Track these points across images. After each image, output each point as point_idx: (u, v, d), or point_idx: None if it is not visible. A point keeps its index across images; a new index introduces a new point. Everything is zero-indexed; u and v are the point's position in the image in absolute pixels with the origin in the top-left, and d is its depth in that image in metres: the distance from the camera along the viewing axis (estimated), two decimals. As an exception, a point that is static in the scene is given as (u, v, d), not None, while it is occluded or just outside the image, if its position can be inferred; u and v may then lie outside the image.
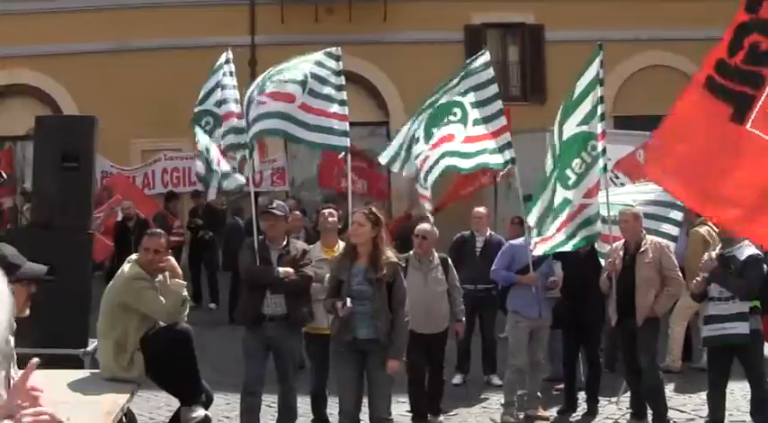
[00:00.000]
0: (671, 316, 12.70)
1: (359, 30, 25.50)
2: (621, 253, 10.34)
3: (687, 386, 12.04)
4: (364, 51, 25.29)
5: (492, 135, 11.04)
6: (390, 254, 8.46)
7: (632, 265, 10.21)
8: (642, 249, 10.23)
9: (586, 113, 10.67)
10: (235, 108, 10.84)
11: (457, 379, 12.20)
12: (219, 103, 11.12)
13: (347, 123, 10.95)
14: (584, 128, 10.67)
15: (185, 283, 8.90)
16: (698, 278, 9.72)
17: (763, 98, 7.50)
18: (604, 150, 10.62)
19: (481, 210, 13.24)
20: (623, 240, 10.45)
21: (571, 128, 10.74)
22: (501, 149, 11.02)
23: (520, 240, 10.99)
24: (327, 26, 25.49)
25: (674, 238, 11.35)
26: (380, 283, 8.27)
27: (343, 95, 11.04)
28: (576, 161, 10.62)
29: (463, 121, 11.00)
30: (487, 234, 12.95)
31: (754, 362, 9.49)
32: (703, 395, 10.04)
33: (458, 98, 11.05)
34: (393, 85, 26.07)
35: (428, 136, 10.86)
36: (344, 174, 13.18)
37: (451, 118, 10.98)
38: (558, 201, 10.62)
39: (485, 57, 11.29)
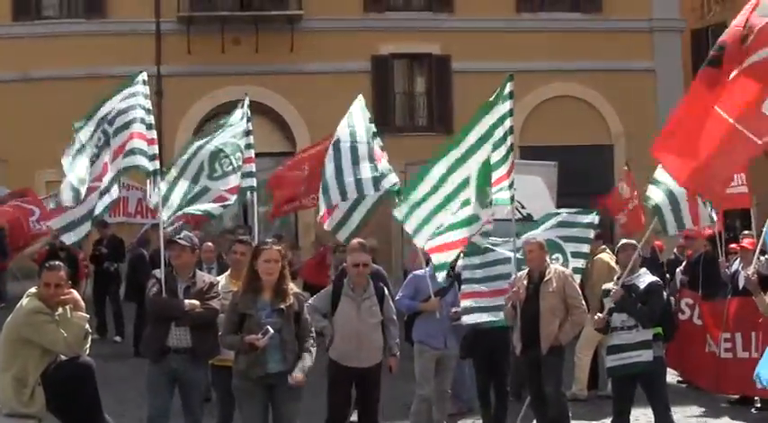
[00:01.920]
0: (577, 344, 12.84)
1: (266, 60, 25.56)
2: (525, 282, 10.40)
3: (593, 414, 12.15)
4: (271, 82, 25.36)
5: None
6: (293, 285, 8.49)
7: (536, 293, 10.26)
8: (546, 278, 10.30)
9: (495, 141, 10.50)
10: (145, 131, 10.51)
11: None
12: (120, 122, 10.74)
13: (254, 164, 11.76)
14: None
15: (87, 316, 8.72)
16: (598, 314, 9.84)
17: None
18: (512, 184, 10.42)
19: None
20: (527, 269, 10.51)
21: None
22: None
23: (423, 271, 11.00)
24: (234, 57, 25.51)
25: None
26: (289, 314, 8.23)
27: (251, 140, 11.78)
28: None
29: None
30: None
31: (657, 388, 9.64)
32: (608, 422, 10.13)
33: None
34: (300, 115, 26.09)
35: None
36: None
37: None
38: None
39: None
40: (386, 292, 10.11)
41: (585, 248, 11.45)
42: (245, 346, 8.15)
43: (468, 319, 10.81)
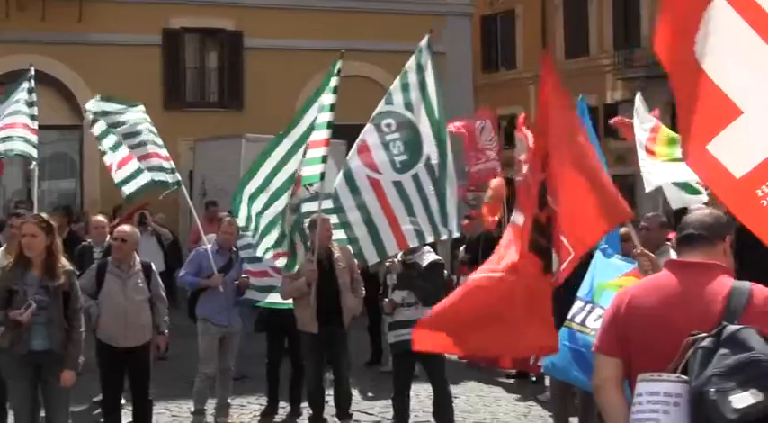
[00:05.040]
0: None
1: (53, 29, 24.66)
2: (314, 259, 10.31)
3: (375, 389, 12.36)
4: (58, 52, 24.53)
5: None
6: (65, 262, 8.23)
7: (331, 270, 10.32)
8: (336, 255, 10.39)
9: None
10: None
11: None
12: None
13: (36, 136, 11.76)
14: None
15: None
16: (386, 299, 9.94)
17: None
18: (325, 157, 10.42)
19: (100, 218, 12.88)
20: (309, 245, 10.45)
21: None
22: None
23: (206, 247, 10.91)
24: (19, 23, 24.52)
25: None
26: (57, 292, 8.01)
27: (35, 111, 11.77)
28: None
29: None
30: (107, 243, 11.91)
31: (435, 365, 9.77)
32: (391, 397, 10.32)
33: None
34: (88, 87, 25.32)
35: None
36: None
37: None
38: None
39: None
40: (153, 267, 9.85)
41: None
42: (9, 322, 7.89)
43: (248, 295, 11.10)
